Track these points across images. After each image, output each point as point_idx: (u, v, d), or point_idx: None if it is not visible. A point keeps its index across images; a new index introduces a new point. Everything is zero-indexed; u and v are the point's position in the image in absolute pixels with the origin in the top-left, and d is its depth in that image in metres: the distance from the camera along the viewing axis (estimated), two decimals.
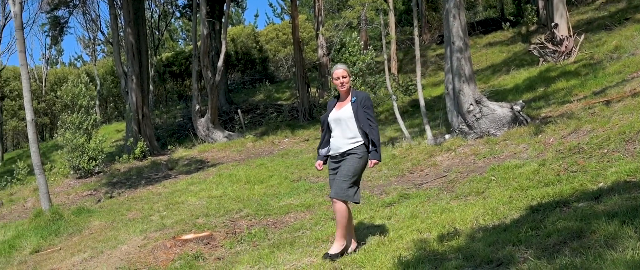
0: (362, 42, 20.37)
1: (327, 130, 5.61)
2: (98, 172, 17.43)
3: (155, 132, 21.41)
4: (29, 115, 12.12)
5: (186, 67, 34.40)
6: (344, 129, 5.37)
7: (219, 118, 20.52)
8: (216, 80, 19.48)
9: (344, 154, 5.38)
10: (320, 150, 5.70)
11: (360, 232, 6.24)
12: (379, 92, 20.02)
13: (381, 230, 6.13)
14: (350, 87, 5.55)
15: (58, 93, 37.09)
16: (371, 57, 19.33)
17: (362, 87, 18.79)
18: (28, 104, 12.11)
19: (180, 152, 18.26)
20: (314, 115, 20.61)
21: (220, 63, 19.46)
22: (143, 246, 7.71)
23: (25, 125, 38.65)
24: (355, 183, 5.33)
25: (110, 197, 13.46)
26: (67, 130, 17.69)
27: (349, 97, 5.47)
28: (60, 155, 18.86)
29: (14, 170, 20.85)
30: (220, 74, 19.67)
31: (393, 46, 23.73)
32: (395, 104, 13.57)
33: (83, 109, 18.00)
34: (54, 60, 47.74)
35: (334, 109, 5.56)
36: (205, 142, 19.16)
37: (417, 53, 13.22)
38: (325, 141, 5.63)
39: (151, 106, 23.36)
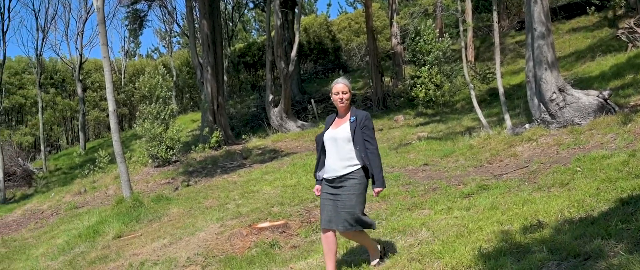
0: (437, 30, 20.04)
1: (322, 151, 5.15)
2: (175, 161, 18.03)
3: (230, 122, 21.92)
4: (111, 105, 12.67)
5: (259, 58, 34.99)
6: (340, 150, 4.93)
7: (292, 108, 20.77)
8: (289, 70, 19.70)
9: (342, 179, 4.92)
10: (317, 173, 5.22)
11: (436, 223, 6.17)
12: (455, 81, 19.68)
13: (459, 221, 6.04)
14: (351, 103, 5.15)
15: (136, 84, 38.66)
16: (447, 45, 19.01)
17: (438, 76, 18.53)
18: (110, 95, 12.65)
19: (254, 142, 18.61)
20: (387, 105, 20.50)
21: (293, 53, 19.66)
22: (220, 233, 7.92)
23: (107, 116, 40.59)
24: (361, 210, 4.93)
25: (187, 185, 13.90)
26: (145, 120, 18.38)
27: (348, 115, 5.04)
28: (139, 145, 19.62)
29: (96, 159, 21.88)
30: (294, 64, 19.87)
31: (470, 33, 23.21)
32: (472, 93, 13.28)
33: (160, 99, 18.64)
34: (132, 53, 49.68)
35: (330, 127, 5.14)
36: (278, 131, 19.45)
37: (496, 39, 12.87)
38: (321, 163, 5.16)
39: (226, 96, 23.88)
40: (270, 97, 20.10)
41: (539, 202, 6.09)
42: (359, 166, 4.89)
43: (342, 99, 5.01)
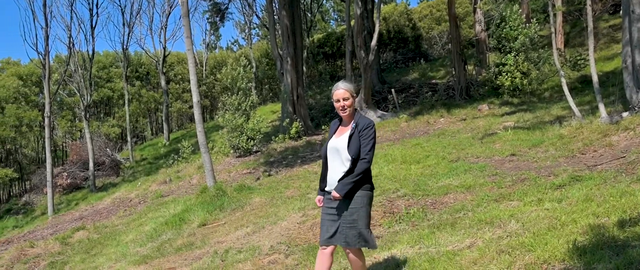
0: (524, 16, 19.39)
1: (325, 163, 4.79)
2: (256, 152, 18.41)
3: (309, 113, 22.12)
4: (195, 97, 13.06)
5: (338, 48, 35.07)
6: (341, 160, 4.55)
7: (371, 98, 20.70)
8: (369, 59, 19.64)
9: None
10: (321, 184, 4.84)
11: (526, 215, 5.99)
12: (542, 68, 19.01)
13: (551, 213, 5.84)
14: (356, 110, 4.71)
15: (217, 76, 39.64)
16: (534, 31, 18.38)
17: (524, 64, 17.96)
18: (194, 87, 13.04)
19: None
20: (471, 94, 20.08)
21: (373, 42, 19.57)
22: (302, 223, 8.04)
23: (189, 108, 41.82)
24: (365, 225, 4.51)
25: (269, 175, 14.17)
26: (227, 112, 18.85)
27: (352, 123, 4.61)
28: (221, 136, 20.17)
29: (180, 150, 22.69)
30: (374, 53, 19.79)
31: (559, 18, 22.30)
32: (563, 80, 12.77)
33: (241, 91, 19.05)
34: (213, 46, 50.99)
35: (333, 136, 4.76)
36: None
37: (590, 23, 12.30)
38: (324, 176, 4.78)
39: (305, 87, 24.12)
40: None
41: (638, 194, 5.80)
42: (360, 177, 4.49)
43: (343, 107, 4.58)
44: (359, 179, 4.44)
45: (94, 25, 28.05)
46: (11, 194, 34.66)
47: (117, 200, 18.67)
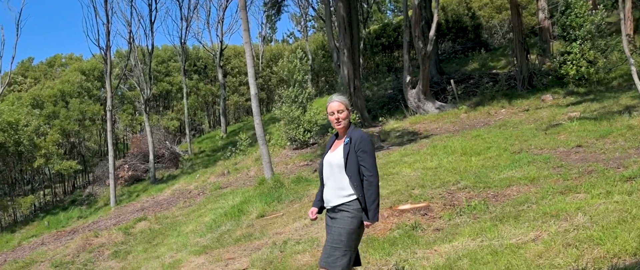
0: (590, 2, 18.74)
1: (320, 179, 4.66)
2: (313, 144, 18.53)
3: (366, 105, 22.08)
4: (252, 89, 13.25)
5: (394, 39, 34.84)
6: (335, 177, 4.40)
7: (430, 89, 20.49)
8: (428, 50, 19.42)
9: (335, 210, 4.41)
10: (317, 199, 4.71)
11: (594, 208, 5.83)
12: (610, 56, 18.36)
13: (621, 206, 5.66)
14: (351, 123, 4.54)
15: (274, 69, 40.01)
16: (601, 17, 17.76)
17: (591, 52, 17.39)
18: (252, 79, 13.23)
19: (392, 124, 18.62)
20: (533, 84, 19.58)
21: (432, 33, 19.34)
22: None
23: (246, 100, 42.38)
24: (351, 248, 4.32)
25: None
26: (283, 104, 19.02)
27: (345, 137, 4.45)
28: (277, 128, 20.39)
29: (237, 142, 23.06)
30: (432, 43, 19.55)
31: (628, 4, 21.45)
32: (633, 69, 12.31)
33: (298, 83, 19.19)
34: (269, 39, 51.45)
35: (329, 150, 4.62)
36: (416, 113, 19.30)
37: None
38: (321, 192, 4.63)
39: (361, 79, 24.05)
40: (408, 78, 19.96)
41: None
42: (355, 197, 4.30)
43: (338, 119, 4.43)
44: (358, 196, 4.26)
45: (153, 20, 28.82)
46: (75, 185, 36.03)
47: (177, 191, 19.15)
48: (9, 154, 28.95)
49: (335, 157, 4.40)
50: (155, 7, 28.41)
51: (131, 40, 27.24)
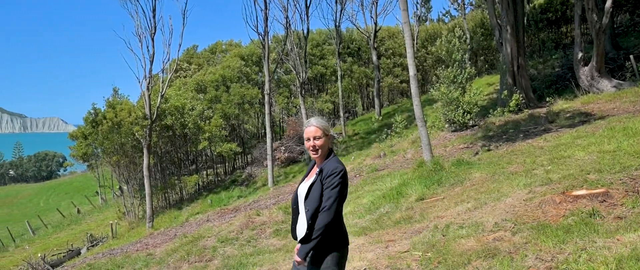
0: None
1: (293, 209, 4.23)
2: (472, 126, 18.08)
3: (531, 84, 21.09)
4: (411, 70, 13.16)
5: (562, 13, 32.88)
6: (303, 212, 4.02)
7: (605, 66, 19.06)
8: (603, 23, 18.05)
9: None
10: (293, 232, 4.24)
11: None
12: None
13: None
14: (331, 151, 4.10)
15: (429, 49, 39.55)
16: None
17: None
18: (410, 60, 13.14)
19: (560, 104, 17.62)
20: None
21: (608, 4, 17.93)
22: (528, 200, 7.72)
23: (400, 82, 42.41)
24: None
25: (488, 150, 13.83)
26: (441, 85, 18.72)
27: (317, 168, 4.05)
28: (434, 110, 20.14)
29: (392, 124, 23.11)
30: (608, 16, 18.14)
31: None
32: None
33: (457, 63, 18.77)
34: (424, 18, 50.79)
35: (304, 179, 4.19)
36: (588, 92, 18.10)
37: None
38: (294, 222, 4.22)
39: (526, 57, 22.96)
40: (580, 54, 18.71)
41: None
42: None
43: (314, 147, 3.99)
44: (320, 239, 3.81)
45: (308, 5, 29.67)
46: (235, 166, 38.27)
47: None
48: (176, 136, 31.44)
49: (303, 188, 4.04)
50: None
51: (287, 25, 28.22)
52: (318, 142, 3.98)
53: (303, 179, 4.17)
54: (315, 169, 4.05)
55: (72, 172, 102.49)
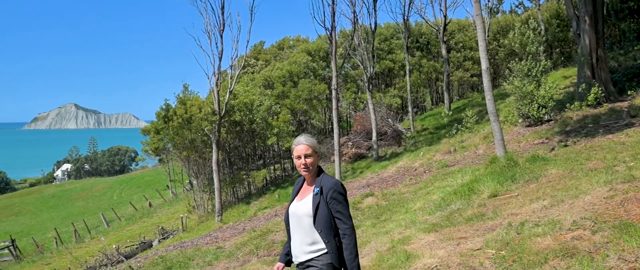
0: None
1: (287, 229, 4.24)
2: (548, 120, 17.56)
3: (612, 77, 20.25)
4: (484, 64, 12.89)
5: None
6: (304, 230, 3.99)
7: None
8: None
9: (304, 266, 4.02)
10: (284, 252, 4.32)
11: None
12: None
13: None
14: (320, 169, 4.13)
15: (501, 41, 38.64)
16: None
17: None
18: (483, 53, 12.87)
19: None
20: None
21: None
22: (609, 197, 7.42)
23: (471, 76, 41.69)
24: None
25: (565, 145, 13.39)
26: (515, 78, 18.25)
27: (314, 186, 4.04)
28: (506, 104, 19.68)
29: (462, 119, 22.71)
30: None
31: None
32: None
33: (531, 55, 18.26)
34: (495, 10, 49.64)
35: (296, 198, 4.20)
36: None
37: None
38: (288, 245, 4.25)
39: (606, 48, 22.07)
40: None
41: None
42: (324, 251, 3.92)
43: (306, 165, 4.04)
44: (329, 251, 3.90)
45: None
46: None
47: (401, 169, 19.46)
48: (244, 132, 31.92)
49: (302, 207, 4.04)
50: None
51: (355, 19, 28.08)
52: (309, 160, 4.04)
53: (293, 199, 4.25)
54: (308, 188, 4.14)
55: (144, 166, 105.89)
